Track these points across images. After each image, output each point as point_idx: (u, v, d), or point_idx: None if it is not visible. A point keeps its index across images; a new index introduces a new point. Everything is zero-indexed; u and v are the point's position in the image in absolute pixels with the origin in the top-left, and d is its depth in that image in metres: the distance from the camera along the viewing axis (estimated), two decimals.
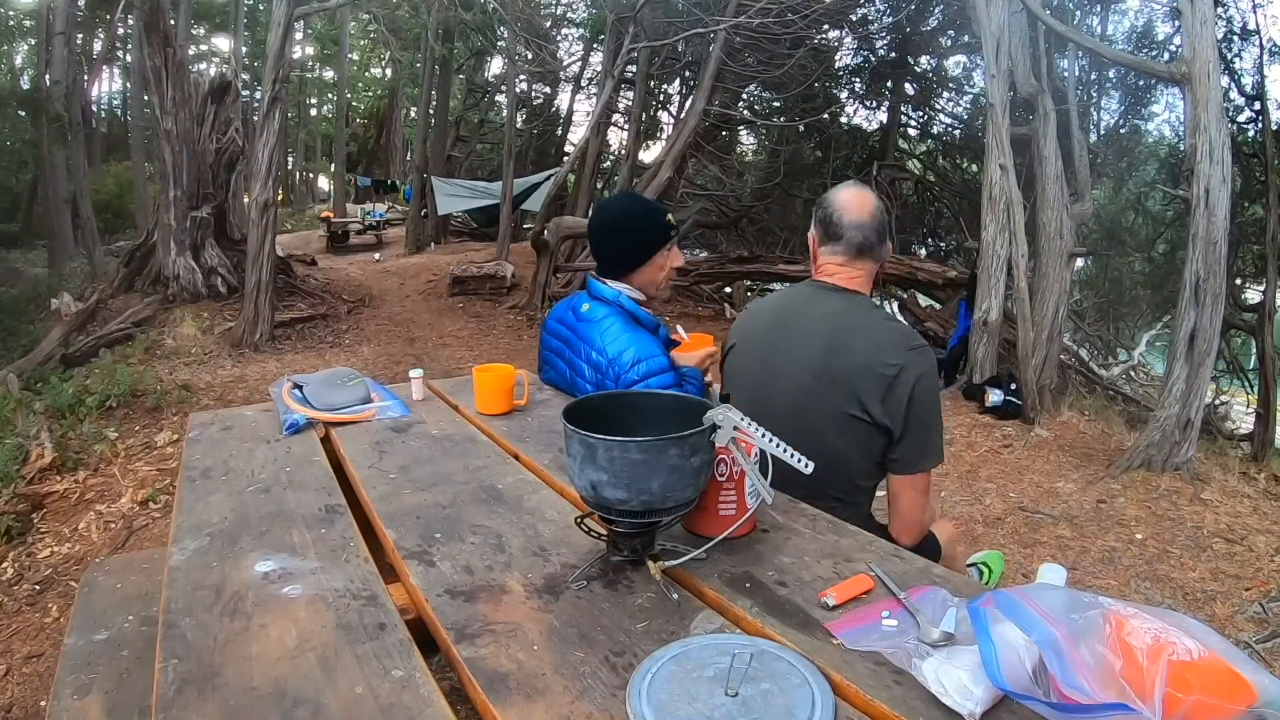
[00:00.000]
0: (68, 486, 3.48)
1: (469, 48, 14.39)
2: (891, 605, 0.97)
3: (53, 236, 11.23)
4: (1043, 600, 0.84)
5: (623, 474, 0.98)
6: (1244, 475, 4.13)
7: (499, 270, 9.14)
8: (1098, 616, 0.80)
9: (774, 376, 1.54)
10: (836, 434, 1.46)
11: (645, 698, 0.79)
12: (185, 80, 7.14)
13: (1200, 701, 0.71)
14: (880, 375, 1.41)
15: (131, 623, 1.54)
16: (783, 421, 1.48)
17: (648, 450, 0.97)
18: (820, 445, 1.46)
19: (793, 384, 1.50)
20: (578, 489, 1.05)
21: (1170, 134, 9.36)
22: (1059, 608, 0.82)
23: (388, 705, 0.82)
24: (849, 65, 11.30)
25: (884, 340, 1.45)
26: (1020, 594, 0.86)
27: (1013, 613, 0.83)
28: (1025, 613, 0.82)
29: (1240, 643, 2.61)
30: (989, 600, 0.86)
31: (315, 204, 24.22)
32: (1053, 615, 0.81)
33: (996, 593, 0.88)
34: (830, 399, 1.45)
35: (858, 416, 1.44)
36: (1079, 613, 0.81)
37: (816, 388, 1.46)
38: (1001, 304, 5.39)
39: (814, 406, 1.47)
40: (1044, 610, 0.82)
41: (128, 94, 18.12)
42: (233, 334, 6.58)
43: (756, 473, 1.06)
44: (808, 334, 1.50)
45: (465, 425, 1.74)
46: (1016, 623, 0.81)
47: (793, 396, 1.49)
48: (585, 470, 1.01)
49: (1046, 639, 0.78)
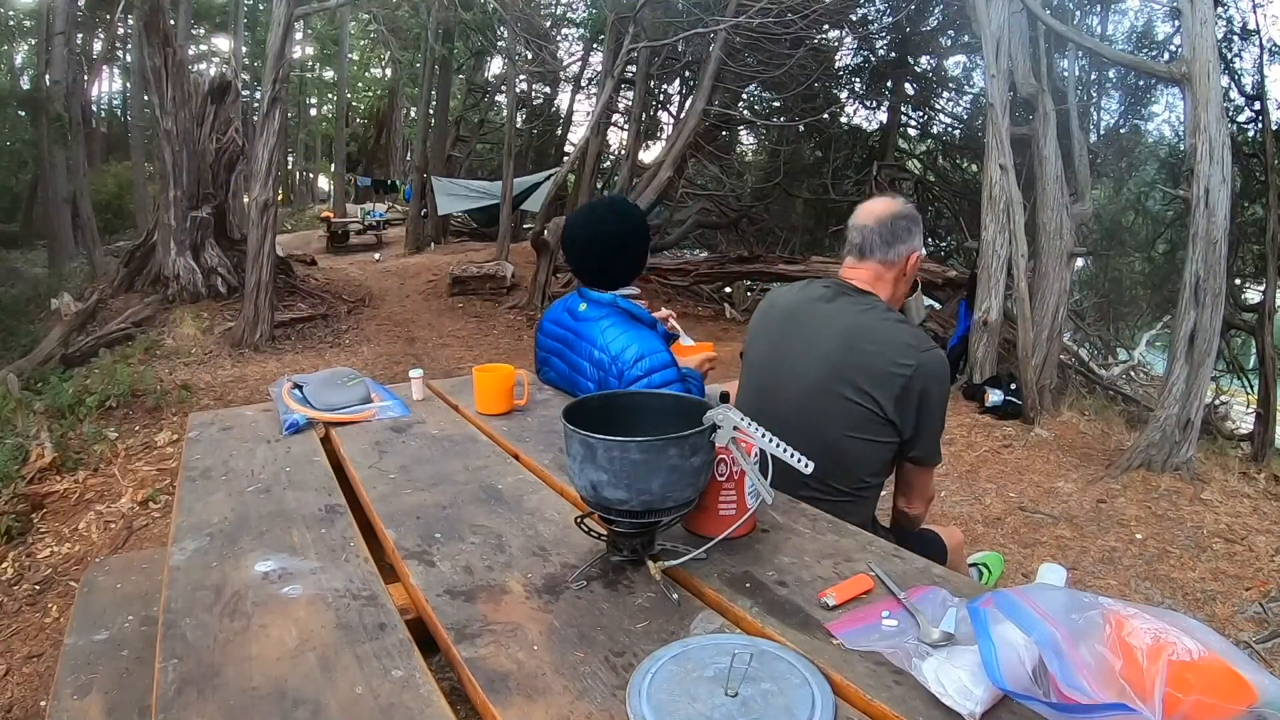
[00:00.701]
0: (68, 486, 3.48)
1: (469, 48, 14.39)
2: (891, 605, 0.97)
3: (53, 236, 11.22)
4: (1043, 600, 0.84)
5: (623, 474, 0.98)
6: (1244, 475, 4.13)
7: (499, 270, 9.14)
8: (1097, 616, 0.80)
9: (787, 370, 1.57)
10: (848, 430, 1.49)
11: (645, 698, 0.79)
12: (185, 80, 7.13)
13: (1200, 701, 0.71)
14: (894, 375, 1.45)
15: (131, 623, 1.54)
16: (795, 416, 1.50)
17: (648, 450, 0.98)
18: (830, 441, 1.48)
19: (807, 380, 1.53)
20: (578, 489, 1.05)
21: (1170, 134, 9.36)
22: (1059, 608, 0.82)
23: (388, 705, 0.82)
24: (849, 65, 11.31)
25: (897, 341, 1.48)
26: (1020, 594, 0.86)
27: (1012, 613, 0.83)
28: (1025, 612, 0.82)
29: (1240, 643, 2.61)
30: (989, 600, 0.86)
31: (315, 204, 24.21)
32: (1052, 615, 0.81)
33: (996, 593, 0.88)
34: (844, 396, 1.49)
35: (872, 414, 1.47)
36: (1079, 613, 0.81)
37: (831, 385, 1.50)
38: (1001, 304, 5.39)
39: (827, 403, 1.50)
40: (1044, 610, 0.82)
41: (128, 94, 18.13)
42: (233, 334, 6.58)
43: (756, 473, 1.06)
44: (822, 330, 1.54)
45: (465, 425, 1.74)
46: (1016, 623, 0.81)
47: (806, 391, 1.53)
48: (585, 470, 1.01)
49: (1046, 639, 0.78)
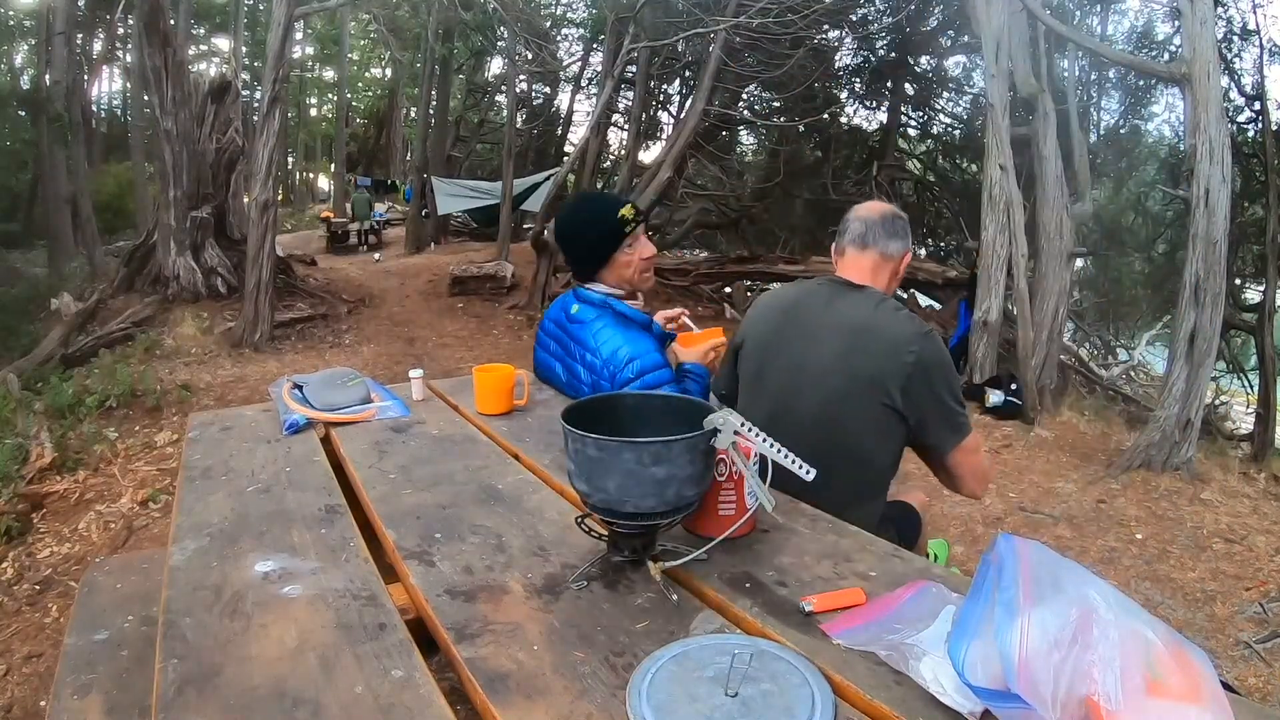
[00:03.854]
0: (68, 486, 3.48)
1: (469, 48, 14.39)
2: (888, 604, 0.97)
3: (53, 236, 11.22)
4: (1039, 565, 0.82)
5: (582, 468, 1.00)
6: (1244, 475, 4.13)
7: (499, 270, 9.14)
8: (1073, 615, 0.76)
9: (801, 379, 1.54)
10: (867, 430, 1.49)
11: (645, 698, 0.79)
12: (185, 80, 7.14)
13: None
14: (901, 365, 1.45)
15: (131, 623, 1.54)
16: (815, 424, 1.48)
17: (604, 449, 0.98)
18: (851, 444, 1.47)
19: (824, 387, 1.50)
20: (577, 491, 1.05)
21: (1170, 134, 9.37)
22: (1046, 584, 0.80)
23: (388, 705, 0.82)
24: (849, 65, 11.29)
25: (900, 331, 1.48)
26: (1025, 550, 0.84)
27: (1009, 558, 0.82)
28: (1012, 571, 0.81)
29: (1240, 643, 2.61)
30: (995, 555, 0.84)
31: (315, 204, 24.20)
32: (1032, 596, 0.79)
33: (1005, 536, 0.86)
34: (859, 396, 1.47)
35: (888, 408, 1.46)
36: (1059, 607, 0.77)
37: (848, 387, 1.48)
38: (1001, 304, 5.39)
39: (847, 408, 1.48)
40: (1030, 575, 0.80)
41: (128, 94, 18.13)
42: (233, 334, 6.58)
43: (756, 478, 1.05)
44: (828, 331, 1.52)
45: (465, 425, 1.73)
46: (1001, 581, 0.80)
47: (824, 398, 1.50)
48: (568, 462, 1.02)
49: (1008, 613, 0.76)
